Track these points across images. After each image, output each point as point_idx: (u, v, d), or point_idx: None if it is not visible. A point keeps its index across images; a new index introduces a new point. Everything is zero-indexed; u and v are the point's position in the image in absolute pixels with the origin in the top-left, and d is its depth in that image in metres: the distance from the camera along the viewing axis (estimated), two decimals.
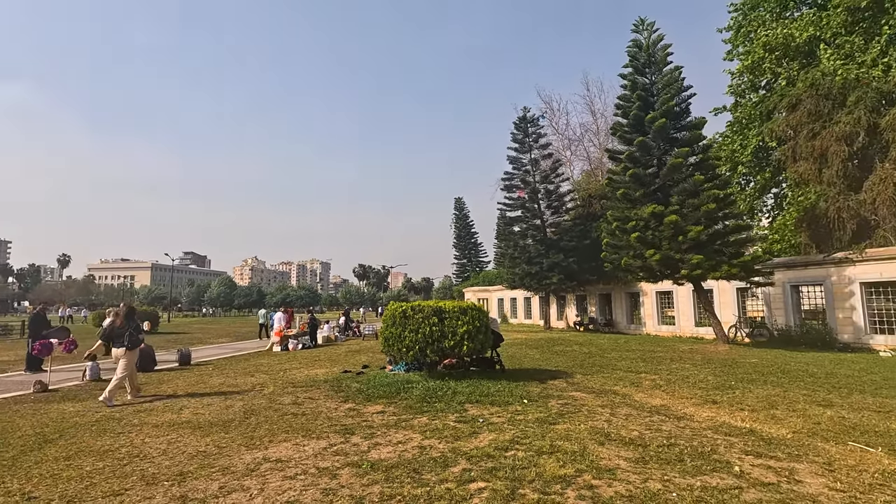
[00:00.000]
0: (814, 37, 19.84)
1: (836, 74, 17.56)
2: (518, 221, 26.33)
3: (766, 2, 22.80)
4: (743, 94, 23.85)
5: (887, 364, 12.08)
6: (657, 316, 24.00)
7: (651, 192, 16.07)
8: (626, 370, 11.09)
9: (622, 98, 16.82)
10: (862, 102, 16.71)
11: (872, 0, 17.61)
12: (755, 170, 24.31)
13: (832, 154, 17.10)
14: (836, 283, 16.24)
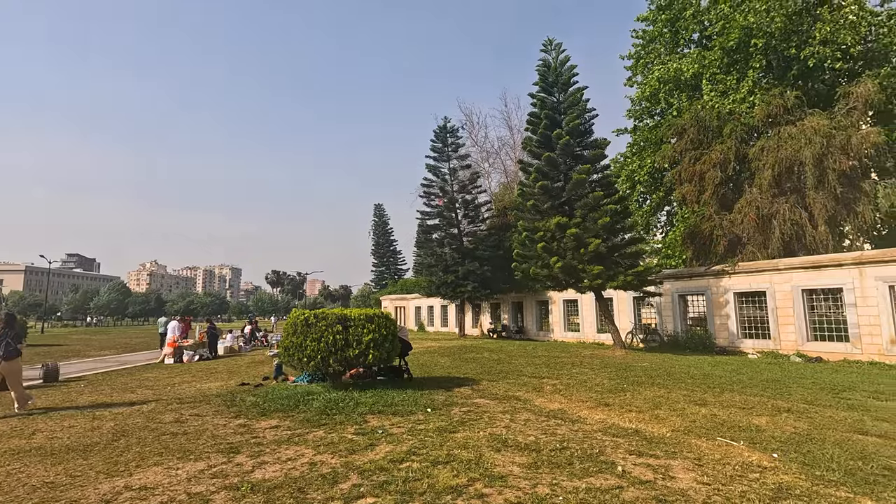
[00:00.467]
0: (698, 73, 22.20)
1: (714, 108, 19.76)
2: (436, 230, 26.57)
3: (661, 37, 25.16)
4: (641, 119, 26.07)
5: (754, 365, 13.61)
6: (564, 323, 25.25)
7: (558, 205, 16.95)
8: (531, 376, 11.44)
9: (532, 115, 17.64)
10: (734, 134, 18.92)
11: (742, 44, 20.07)
12: (651, 189, 26.56)
13: (709, 178, 19.15)
14: (715, 293, 18.12)
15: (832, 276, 15.03)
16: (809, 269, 15.50)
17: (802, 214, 17.03)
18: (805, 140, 16.35)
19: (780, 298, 16.11)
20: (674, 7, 24.31)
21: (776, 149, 17.16)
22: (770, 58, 20.07)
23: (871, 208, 16.05)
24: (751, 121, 18.77)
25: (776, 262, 16.40)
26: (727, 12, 20.76)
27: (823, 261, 15.17)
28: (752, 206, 18.15)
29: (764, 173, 17.62)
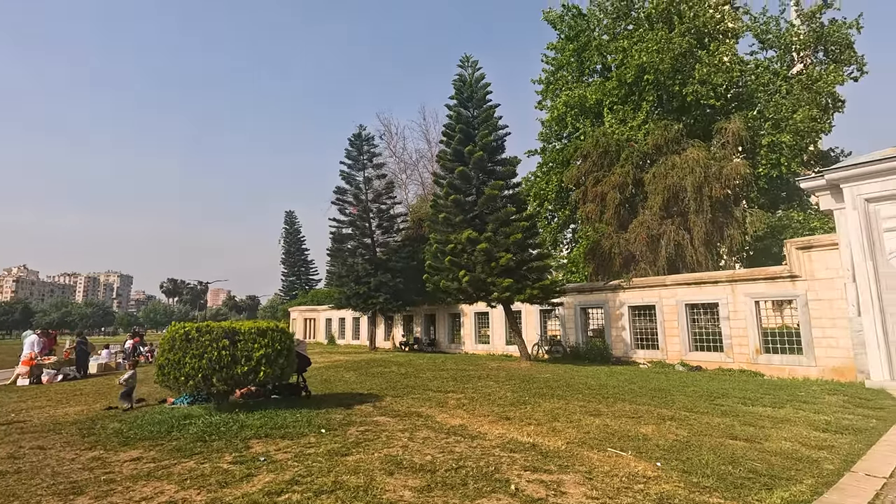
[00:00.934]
0: (600, 101, 23.90)
1: (614, 135, 21.33)
2: (348, 239, 25.75)
3: (568, 65, 26.80)
4: (549, 141, 27.47)
5: (644, 374, 14.56)
6: (475, 335, 25.55)
7: (470, 219, 17.16)
8: (437, 390, 11.24)
9: (447, 128, 17.83)
10: (630, 160, 20.52)
11: (637, 78, 21.98)
12: (558, 207, 27.95)
13: (609, 199, 20.53)
14: (612, 306, 19.30)
15: (710, 292, 16.63)
16: (692, 286, 17.05)
17: (685, 236, 18.77)
18: (688, 169, 18.12)
19: (667, 312, 17.52)
20: (580, 39, 26.07)
21: (664, 176, 18.83)
22: (660, 92, 22.13)
23: (741, 232, 18.12)
24: (644, 148, 20.48)
25: (664, 279, 17.86)
26: (626, 47, 22.61)
27: (703, 278, 16.77)
28: (644, 227, 19.69)
29: (655, 197, 19.23)
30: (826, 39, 22.30)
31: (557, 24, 27.19)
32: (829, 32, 22.10)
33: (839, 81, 21.45)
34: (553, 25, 27.50)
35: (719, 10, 22.87)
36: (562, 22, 27.05)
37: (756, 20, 23.97)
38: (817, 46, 22.84)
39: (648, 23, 23.29)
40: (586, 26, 26.24)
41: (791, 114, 19.83)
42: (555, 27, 27.46)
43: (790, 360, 14.56)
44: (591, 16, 26.08)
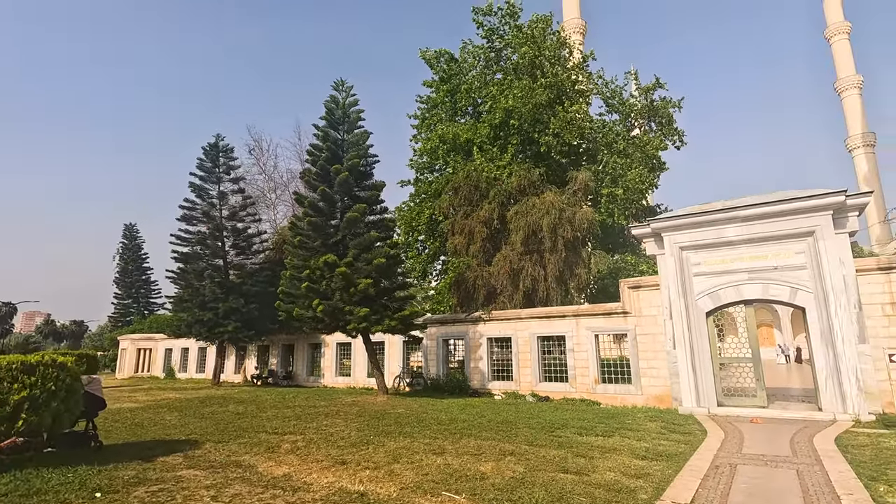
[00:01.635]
0: (471, 140, 25.05)
1: (483, 172, 22.35)
2: (196, 259, 22.84)
3: (442, 105, 27.80)
4: (422, 172, 27.92)
5: (496, 406, 14.77)
6: (336, 367, 24.14)
7: (332, 244, 16.28)
8: (273, 431, 9.98)
9: (314, 147, 16.94)
10: (497, 197, 21.57)
11: (504, 122, 23.55)
12: (429, 238, 28.27)
13: (477, 233, 21.25)
14: (472, 338, 19.64)
15: (558, 325, 17.76)
16: (543, 319, 18.07)
17: (541, 272, 20.05)
18: (545, 211, 19.54)
19: (522, 344, 18.29)
20: (453, 81, 27.34)
21: (526, 215, 20.07)
22: (523, 137, 23.88)
23: (586, 271, 19.89)
24: (509, 188, 21.72)
25: (519, 312, 18.70)
26: (495, 93, 24.14)
27: (553, 312, 17.89)
28: (507, 261, 20.63)
29: (517, 234, 20.33)
30: (656, 112, 26.23)
31: (433, 63, 28.26)
32: (658, 107, 26.04)
33: (664, 148, 25.26)
34: (429, 65, 28.51)
35: (575, 72, 25.66)
36: (437, 62, 28.18)
37: (606, 86, 27.41)
38: (650, 117, 26.75)
39: (515, 73, 25.23)
40: (458, 70, 27.64)
41: (626, 171, 22.70)
42: (431, 67, 28.50)
43: (622, 389, 15.97)
44: (463, 61, 27.59)
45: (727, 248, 14.32)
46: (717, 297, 14.34)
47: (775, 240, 13.65)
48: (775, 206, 13.36)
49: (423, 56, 28.69)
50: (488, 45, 27.01)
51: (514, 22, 25.93)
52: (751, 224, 13.81)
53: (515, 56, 25.37)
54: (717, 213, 14.15)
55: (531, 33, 25.30)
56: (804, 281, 13.22)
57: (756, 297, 13.98)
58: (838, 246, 12.81)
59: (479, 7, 26.30)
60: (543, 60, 24.72)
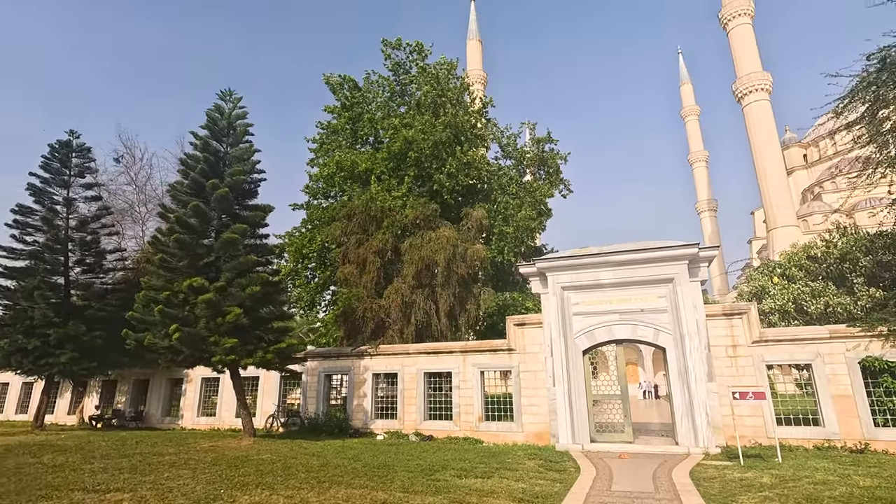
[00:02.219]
0: (370, 169, 24.66)
1: (379, 202, 21.92)
2: (27, 275, 18.95)
3: (343, 131, 27.25)
4: (316, 197, 26.77)
5: (376, 447, 13.85)
6: (199, 406, 21.32)
7: (202, 266, 14.49)
8: (93, 489, 8.13)
9: (190, 157, 15.15)
10: (392, 228, 21.20)
11: (403, 154, 23.60)
12: (320, 266, 26.85)
13: (370, 263, 20.56)
14: (357, 373, 18.59)
15: (446, 361, 17.50)
16: (431, 354, 17.70)
17: (433, 306, 19.84)
18: (440, 246, 19.56)
19: (408, 380, 17.66)
20: (355, 109, 27.06)
21: (420, 248, 19.90)
22: (420, 171, 24.06)
23: (476, 307, 20.09)
24: (405, 220, 21.48)
25: (408, 347, 18.16)
26: (396, 125, 24.19)
27: (441, 348, 17.62)
28: (399, 294, 20.11)
29: (410, 267, 20.02)
30: (546, 162, 28.17)
31: (337, 90, 27.80)
32: (548, 158, 28.01)
33: (551, 195, 27.09)
34: (333, 90, 28.00)
35: (475, 117, 26.78)
36: (341, 89, 27.78)
37: (502, 134, 28.94)
38: (540, 166, 28.64)
39: (418, 108, 25.62)
40: (362, 99, 27.48)
41: (517, 212, 23.82)
42: (334, 93, 28.00)
43: (504, 426, 15.98)
44: (367, 90, 27.53)
45: (602, 291, 15.30)
46: (592, 336, 15.14)
47: (642, 284, 14.88)
48: (642, 254, 14.63)
49: (327, 81, 28.11)
50: (394, 78, 27.28)
51: (422, 60, 26.55)
52: (622, 269, 14.94)
53: (420, 93, 25.85)
54: (593, 257, 15.12)
55: (436, 74, 26.02)
56: (665, 323, 14.49)
57: (626, 337, 15.00)
58: (692, 292, 14.30)
59: (389, 40, 26.62)
60: (446, 101, 25.47)
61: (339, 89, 27.81)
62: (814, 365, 13.25)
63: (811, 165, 78.94)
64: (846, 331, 13.03)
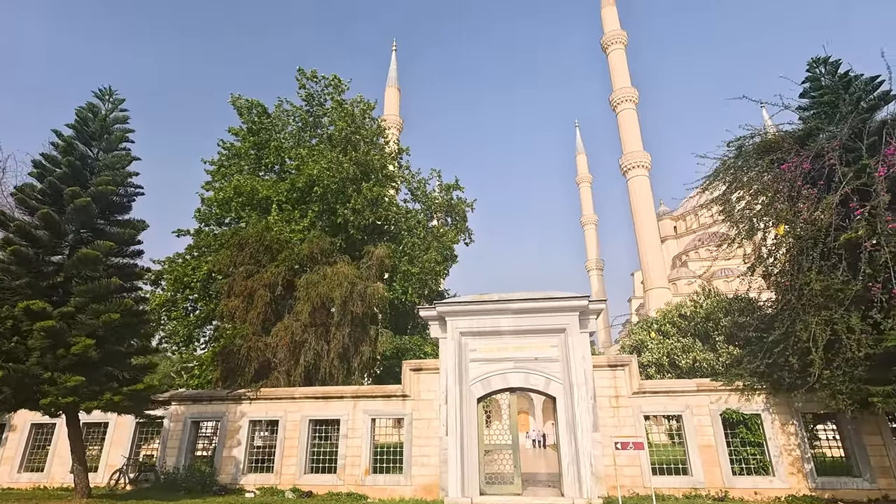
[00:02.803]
0: (271, 198, 23.29)
1: (277, 232, 20.58)
2: None
3: (246, 156, 25.72)
4: (207, 222, 24.55)
5: None
6: (22, 459, 17.44)
7: (47, 287, 12.11)
8: None
9: (47, 158, 12.86)
10: (287, 261, 19.88)
11: (308, 186, 22.68)
12: (203, 298, 24.25)
13: (259, 297, 18.92)
14: (231, 420, 16.54)
15: (335, 408, 16.23)
16: (319, 400, 16.33)
17: (325, 347, 18.59)
18: (337, 282, 18.61)
19: (290, 428, 16.04)
20: (261, 135, 25.84)
21: (316, 284, 18.77)
22: (325, 207, 23.21)
23: (371, 349, 19.20)
24: (301, 253, 20.29)
25: (293, 391, 16.64)
26: (304, 156, 23.34)
27: (331, 392, 16.37)
28: (288, 332, 18.62)
29: (304, 304, 18.71)
30: (453, 209, 28.78)
31: (244, 113, 26.47)
32: (455, 205, 28.66)
33: (456, 242, 27.56)
34: (239, 113, 26.61)
35: (388, 160, 26.82)
36: (248, 112, 26.49)
37: (413, 178, 29.21)
38: (448, 212, 29.18)
39: (329, 143, 25.07)
40: (270, 125, 26.39)
41: (423, 253, 23.75)
42: (240, 115, 26.62)
43: (392, 479, 14.96)
44: (276, 117, 26.54)
45: (499, 338, 15.38)
46: (488, 383, 15.02)
47: (537, 333, 15.22)
48: (539, 303, 15.06)
49: (234, 102, 26.65)
50: (307, 109, 26.60)
51: (338, 95, 26.26)
52: (519, 317, 15.20)
53: (332, 127, 25.40)
54: (493, 304, 15.26)
55: (352, 111, 25.86)
56: (556, 372, 14.83)
57: (519, 386, 15.07)
58: (582, 343, 14.89)
59: (305, 70, 26.06)
60: (359, 140, 25.26)
61: (246, 112, 26.47)
62: (683, 416, 14.26)
63: (680, 236, 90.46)
64: (710, 384, 14.30)
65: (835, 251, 11.81)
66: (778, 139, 14.08)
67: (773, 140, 14.15)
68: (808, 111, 14.23)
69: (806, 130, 13.55)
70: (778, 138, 14.10)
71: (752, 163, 14.19)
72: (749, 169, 14.17)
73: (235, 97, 26.66)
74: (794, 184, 12.95)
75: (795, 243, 12.67)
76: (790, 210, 12.90)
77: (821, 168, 12.78)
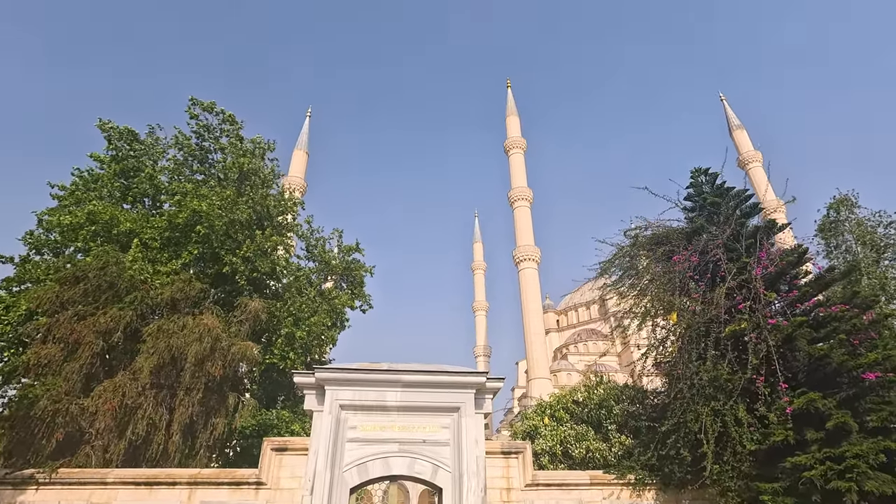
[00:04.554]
0: (135, 231, 19.68)
1: (130, 270, 16.99)
2: None
3: (109, 184, 22.04)
4: (40, 249, 19.90)
5: None
6: None
7: None
8: None
9: None
10: (138, 304, 16.32)
11: (189, 225, 19.61)
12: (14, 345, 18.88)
13: (86, 345, 14.98)
14: None
15: (164, 497, 12.54)
16: (141, 487, 12.53)
17: (165, 416, 14.87)
18: (197, 335, 15.41)
19: None
20: (129, 162, 22.62)
21: (169, 335, 15.38)
22: (207, 251, 20.15)
23: (225, 421, 15.77)
24: (160, 297, 16.84)
25: (106, 473, 12.65)
26: (188, 190, 20.46)
27: (159, 476, 12.67)
28: (118, 394, 14.68)
29: (148, 359, 15.06)
30: (350, 273, 26.90)
31: (113, 138, 23.15)
32: (353, 268, 26.87)
33: (352, 306, 25.44)
34: (107, 139, 23.20)
35: (285, 207, 24.66)
36: (119, 138, 23.25)
37: (311, 234, 27.17)
38: (344, 275, 27.19)
39: (220, 181, 22.55)
40: (144, 152, 23.34)
41: (310, 316, 21.24)
42: (109, 141, 23.21)
43: None
44: (150, 146, 23.62)
45: (385, 414, 13.38)
46: (365, 469, 12.70)
47: (427, 411, 13.49)
48: (433, 377, 13.51)
49: (101, 127, 23.12)
50: (196, 142, 23.95)
51: (236, 129, 24.14)
52: (410, 391, 13.45)
53: (228, 160, 23.02)
54: (381, 374, 13.40)
55: (252, 149, 23.86)
56: (445, 458, 13.02)
57: (403, 473, 12.94)
58: (476, 426, 13.39)
59: (200, 100, 23.73)
60: (257, 181, 23.08)
61: (115, 139, 23.14)
62: None
63: (562, 330, 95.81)
64: (603, 477, 13.43)
65: (722, 341, 12.16)
66: (668, 233, 15.00)
67: (664, 233, 15.05)
68: (692, 212, 15.50)
69: (693, 228, 14.59)
70: (668, 232, 15.03)
71: (646, 252, 14.82)
72: (644, 257, 14.75)
73: (103, 122, 23.25)
74: (683, 275, 13.56)
75: (685, 332, 12.95)
76: (679, 300, 13.35)
77: (706, 264, 13.62)
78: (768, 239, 13.41)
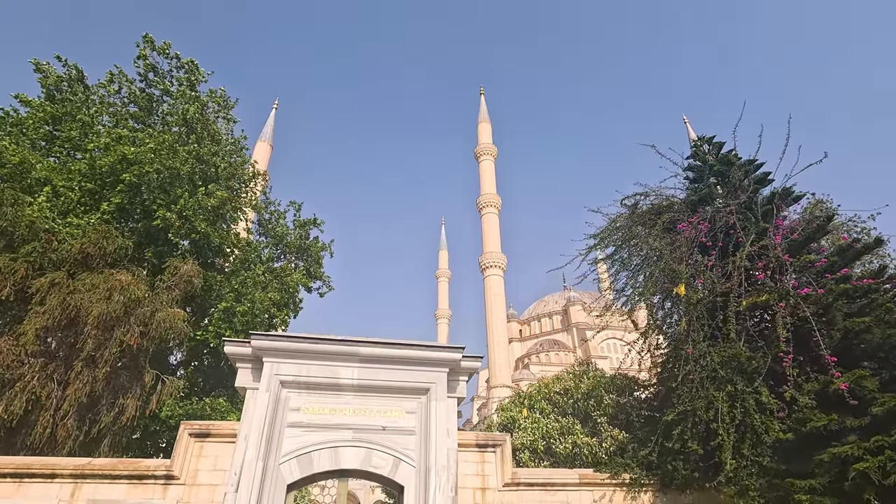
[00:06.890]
0: (50, 179, 16.36)
1: (30, 217, 13.70)
2: None
3: (32, 127, 18.35)
4: None
5: None
6: None
7: None
8: None
9: None
10: (36, 256, 13.16)
11: (113, 171, 16.46)
12: None
13: None
14: None
15: (38, 494, 9.59)
16: (7, 479, 9.51)
17: (56, 391, 11.80)
18: (104, 293, 12.41)
19: None
20: (65, 106, 19.22)
21: (69, 291, 12.35)
22: (133, 202, 17.05)
23: (139, 404, 12.75)
24: (69, 249, 13.70)
25: None
26: (121, 136, 17.34)
27: (33, 466, 9.65)
28: None
29: (38, 318, 11.98)
30: (307, 250, 24.14)
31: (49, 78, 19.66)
32: (310, 246, 24.13)
33: (306, 286, 22.69)
34: (42, 80, 19.69)
35: (235, 169, 21.66)
36: (59, 81, 19.85)
37: (266, 206, 24.30)
38: (300, 253, 24.37)
39: (163, 123, 19.53)
40: (84, 98, 20.01)
41: (255, 291, 18.42)
42: (43, 83, 19.73)
43: None
44: (95, 91, 20.31)
45: (336, 394, 10.92)
46: (309, 461, 10.17)
47: (390, 392, 11.12)
48: (399, 350, 11.15)
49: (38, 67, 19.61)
50: (141, 85, 20.69)
51: (192, 78, 21.00)
52: (369, 367, 11.04)
53: (175, 106, 20.01)
54: (335, 345, 10.93)
55: (207, 102, 20.94)
56: (409, 450, 10.65)
57: (356, 468, 10.44)
58: (448, 412, 11.09)
59: (154, 40, 20.39)
60: (205, 135, 20.13)
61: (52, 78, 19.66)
62: None
63: (524, 340, 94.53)
64: (594, 476, 11.37)
65: (741, 315, 10.43)
66: (671, 203, 13.36)
67: (667, 203, 13.40)
68: (696, 182, 13.93)
69: (699, 196, 12.98)
70: (671, 202, 13.39)
71: (646, 220, 13.09)
72: (644, 226, 13.00)
73: (42, 63, 19.77)
74: (691, 243, 11.86)
75: (695, 307, 11.18)
76: (687, 270, 11.61)
77: (715, 233, 11.97)
78: (787, 206, 11.92)
